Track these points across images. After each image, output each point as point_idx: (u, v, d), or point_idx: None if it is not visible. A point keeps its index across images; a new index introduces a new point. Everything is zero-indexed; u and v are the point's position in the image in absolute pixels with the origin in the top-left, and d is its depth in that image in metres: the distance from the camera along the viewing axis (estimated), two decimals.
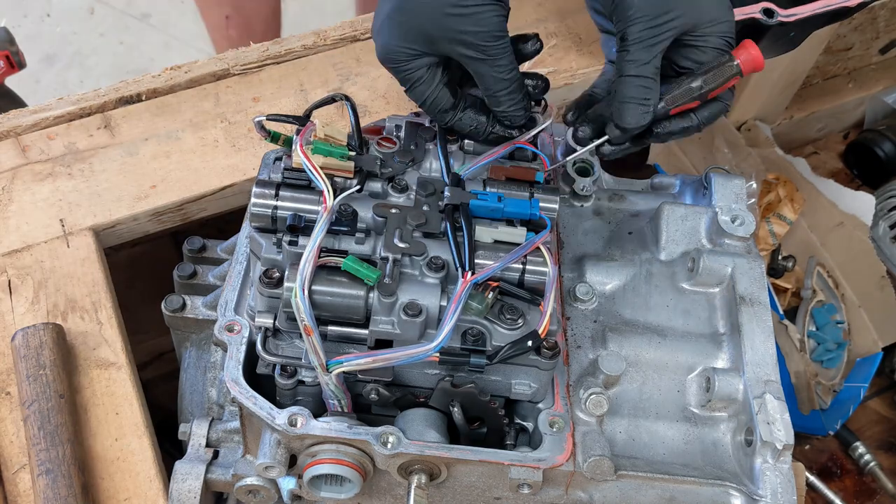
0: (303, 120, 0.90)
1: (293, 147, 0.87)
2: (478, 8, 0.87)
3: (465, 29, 0.87)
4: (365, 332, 0.84)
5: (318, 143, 0.87)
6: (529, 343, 0.83)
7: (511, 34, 0.93)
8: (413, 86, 0.93)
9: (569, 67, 1.34)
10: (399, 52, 0.91)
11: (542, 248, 0.87)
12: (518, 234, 0.88)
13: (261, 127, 0.91)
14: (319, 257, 0.82)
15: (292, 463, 0.87)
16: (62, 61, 2.72)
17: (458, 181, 0.92)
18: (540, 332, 0.83)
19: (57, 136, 1.23)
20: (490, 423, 0.89)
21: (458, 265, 0.84)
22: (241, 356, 0.88)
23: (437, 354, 0.81)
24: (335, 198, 0.85)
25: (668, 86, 0.92)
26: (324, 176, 0.85)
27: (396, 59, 0.92)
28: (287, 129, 0.92)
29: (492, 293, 0.84)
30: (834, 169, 1.93)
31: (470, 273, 0.83)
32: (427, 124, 1.00)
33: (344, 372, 0.83)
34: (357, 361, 0.82)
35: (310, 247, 0.81)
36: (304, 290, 0.80)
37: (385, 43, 0.92)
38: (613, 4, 0.90)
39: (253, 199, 0.88)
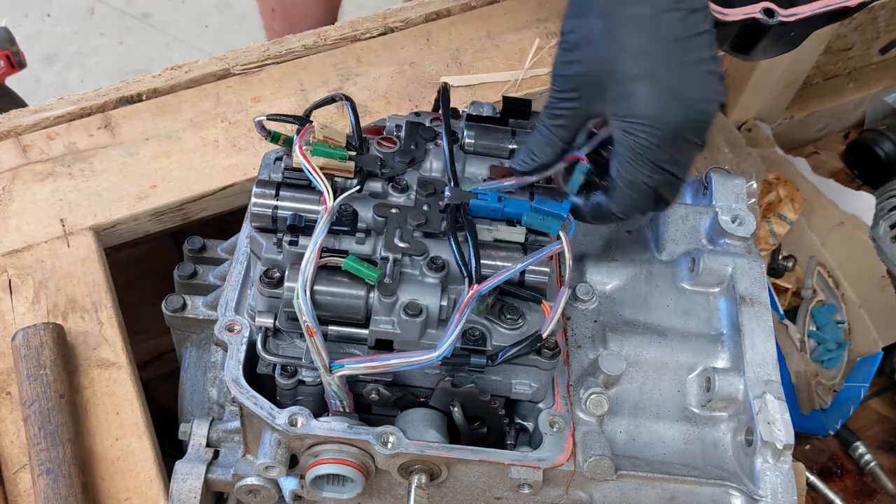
0: (303, 120, 0.90)
1: (293, 148, 0.87)
2: None
3: None
4: (365, 332, 0.84)
5: (316, 144, 0.87)
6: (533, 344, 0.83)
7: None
8: None
9: None
10: None
11: (564, 241, 0.87)
12: (518, 233, 0.88)
13: (261, 127, 0.90)
14: (320, 257, 0.82)
15: (293, 463, 0.87)
16: (62, 61, 2.72)
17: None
18: (543, 334, 0.83)
19: (57, 136, 1.23)
20: (490, 422, 0.89)
21: (464, 274, 0.84)
22: (242, 356, 0.88)
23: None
24: (335, 198, 0.85)
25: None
26: (323, 177, 0.85)
27: None
28: (287, 129, 0.92)
29: (492, 293, 0.84)
30: (834, 169, 1.93)
31: (477, 284, 0.82)
32: (427, 124, 1.00)
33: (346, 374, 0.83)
34: (360, 365, 0.82)
35: (311, 248, 0.81)
36: (305, 291, 0.80)
37: None
38: None
39: (253, 199, 0.88)
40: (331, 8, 2.03)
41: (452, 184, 0.91)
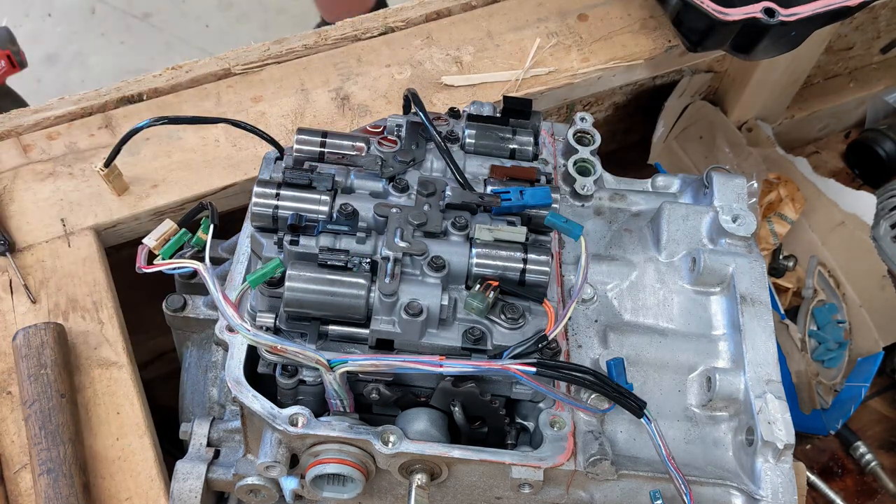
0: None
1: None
2: None
3: None
4: (366, 331, 0.84)
5: (161, 250, 0.95)
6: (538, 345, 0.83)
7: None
8: None
9: (569, 67, 1.34)
10: None
11: (583, 248, 0.88)
12: (519, 232, 0.88)
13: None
14: (320, 255, 0.83)
15: (293, 462, 0.87)
16: (63, 61, 2.72)
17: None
18: (549, 336, 0.84)
19: (58, 136, 1.23)
20: (491, 422, 0.90)
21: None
22: (243, 356, 0.88)
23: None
24: (338, 196, 0.86)
25: None
26: (192, 260, 0.88)
27: None
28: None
29: (492, 292, 0.84)
30: (835, 168, 1.93)
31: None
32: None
33: (347, 371, 0.83)
34: (361, 362, 0.82)
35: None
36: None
37: None
38: None
39: (254, 199, 0.89)
40: None
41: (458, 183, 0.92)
